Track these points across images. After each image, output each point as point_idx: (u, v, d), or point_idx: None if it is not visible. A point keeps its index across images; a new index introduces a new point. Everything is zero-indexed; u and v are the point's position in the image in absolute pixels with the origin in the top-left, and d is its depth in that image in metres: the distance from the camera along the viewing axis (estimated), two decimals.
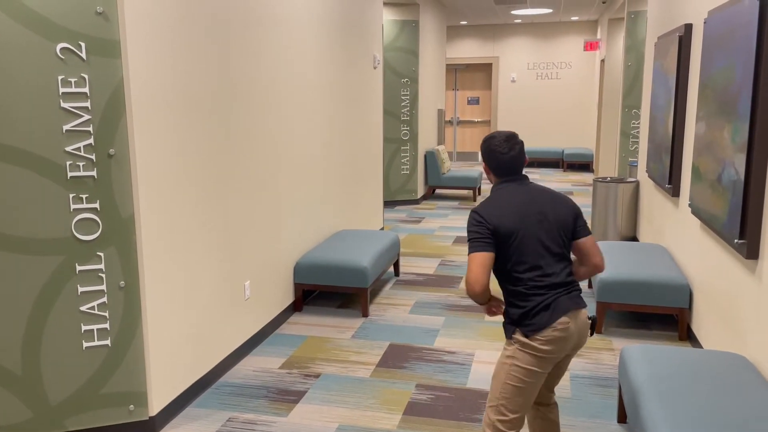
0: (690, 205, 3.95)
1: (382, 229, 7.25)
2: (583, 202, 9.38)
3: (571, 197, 9.79)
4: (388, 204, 9.08)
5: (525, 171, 13.06)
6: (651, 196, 5.69)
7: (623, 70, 8.31)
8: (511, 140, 2.34)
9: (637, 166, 7.31)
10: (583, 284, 5.36)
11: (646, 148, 6.08)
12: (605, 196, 6.44)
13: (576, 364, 3.79)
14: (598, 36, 12.45)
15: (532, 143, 13.82)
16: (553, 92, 13.59)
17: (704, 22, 3.79)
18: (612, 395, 3.40)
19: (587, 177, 12.05)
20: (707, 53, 3.71)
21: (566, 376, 3.64)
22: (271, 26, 4.10)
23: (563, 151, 13.11)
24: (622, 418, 3.11)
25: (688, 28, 4.37)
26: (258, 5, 3.90)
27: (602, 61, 11.05)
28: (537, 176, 12.21)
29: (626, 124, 8.27)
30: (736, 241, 2.98)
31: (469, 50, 13.87)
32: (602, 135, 10.25)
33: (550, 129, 13.71)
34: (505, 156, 2.33)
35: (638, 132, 8.08)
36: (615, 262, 4.45)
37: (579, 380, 3.58)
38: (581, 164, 13.10)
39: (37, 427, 2.84)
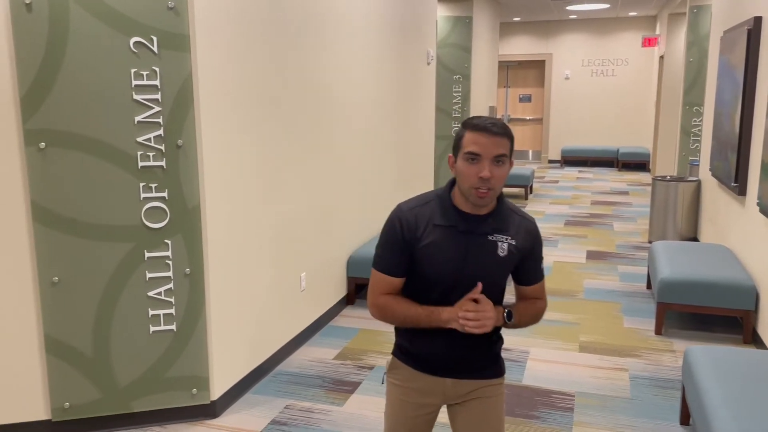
0: (758, 204, 3.81)
1: None
2: (640, 202, 9.15)
3: (626, 197, 9.58)
4: None
5: (580, 169, 12.84)
6: (714, 195, 5.51)
7: (684, 66, 8.07)
8: None
9: (698, 165, 7.09)
10: (641, 285, 5.24)
11: (709, 146, 5.89)
12: (665, 195, 6.27)
13: (635, 365, 3.71)
14: (657, 32, 12.12)
15: (585, 141, 13.55)
16: (609, 89, 13.29)
17: None
18: (673, 397, 3.31)
19: (643, 177, 11.75)
20: None
21: (625, 376, 3.57)
22: (329, 25, 4.14)
23: (618, 150, 12.81)
24: (685, 419, 3.03)
25: (758, 21, 4.21)
26: (318, 4, 3.95)
27: (661, 57, 10.75)
28: (591, 175, 11.97)
29: (687, 121, 8.02)
30: None
31: (521, 47, 13.69)
32: (660, 133, 9.98)
33: (604, 127, 13.41)
34: None
35: (700, 130, 7.83)
36: (676, 262, 4.33)
37: (638, 381, 3.50)
38: (637, 163, 12.77)
39: (106, 408, 2.96)
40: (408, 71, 5.88)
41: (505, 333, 4.30)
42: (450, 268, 1.71)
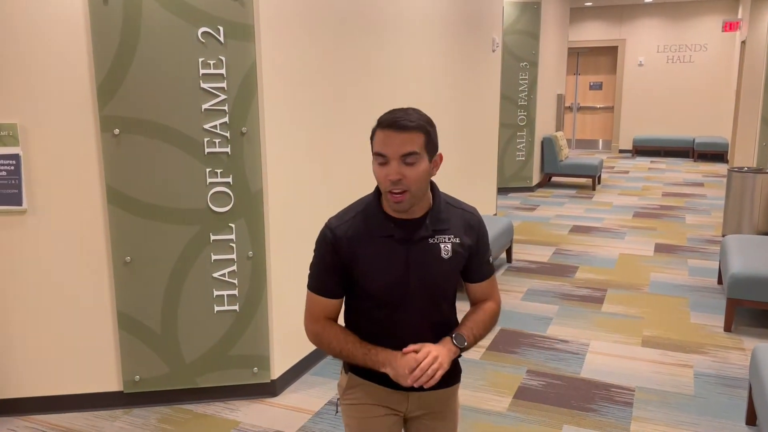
0: None
1: (495, 214, 7.18)
2: (715, 194, 8.76)
3: (701, 189, 9.20)
4: (502, 191, 8.96)
5: (652, 160, 12.38)
6: None
7: (767, 51, 7.63)
8: None
9: None
10: (712, 280, 5.03)
11: None
12: (741, 187, 5.98)
13: (701, 362, 3.59)
14: (739, 15, 11.49)
15: (659, 131, 13.06)
16: (685, 77, 12.73)
17: None
18: (740, 396, 3.19)
19: (720, 168, 11.22)
20: None
21: (690, 373, 3.46)
22: (393, 12, 4.16)
23: (694, 140, 12.28)
24: (751, 419, 2.91)
25: None
26: None
27: (743, 42, 10.20)
28: (663, 166, 11.53)
29: None
30: None
31: (593, 33, 13.29)
32: (740, 122, 9.49)
33: (680, 116, 12.87)
34: None
35: None
36: (749, 256, 4.15)
37: (703, 378, 3.39)
38: (714, 154, 12.21)
39: (173, 382, 3.11)
40: (472, 58, 5.83)
41: (566, 325, 4.23)
42: (393, 282, 1.56)
